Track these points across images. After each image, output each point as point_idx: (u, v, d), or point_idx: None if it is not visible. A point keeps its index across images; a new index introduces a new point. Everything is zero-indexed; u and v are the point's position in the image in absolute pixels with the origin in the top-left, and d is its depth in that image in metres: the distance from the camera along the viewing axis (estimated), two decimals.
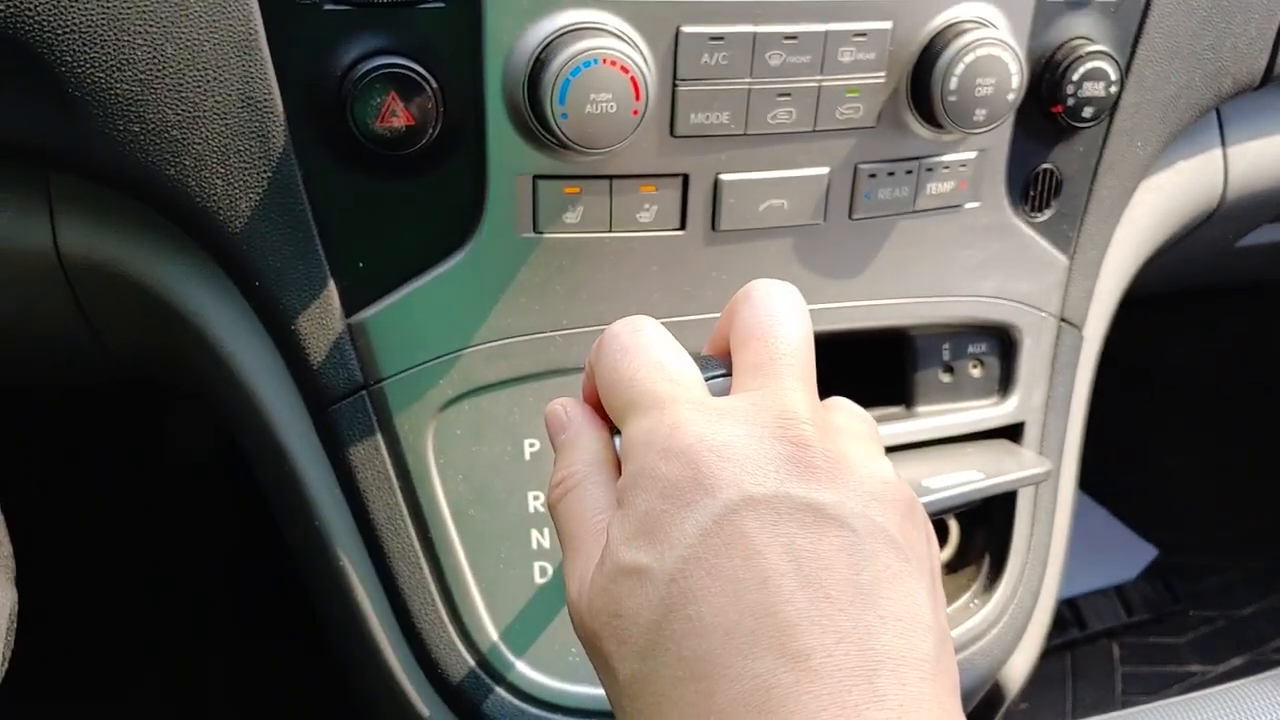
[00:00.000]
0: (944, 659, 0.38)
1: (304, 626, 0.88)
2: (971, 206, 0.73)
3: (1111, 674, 1.44)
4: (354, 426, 0.66)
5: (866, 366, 0.77)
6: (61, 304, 0.69)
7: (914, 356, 0.78)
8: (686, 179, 0.65)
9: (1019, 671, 0.89)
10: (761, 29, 0.62)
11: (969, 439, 0.79)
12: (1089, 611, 1.49)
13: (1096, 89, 0.70)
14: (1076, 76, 0.69)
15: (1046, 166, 0.74)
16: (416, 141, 0.59)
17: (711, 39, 0.61)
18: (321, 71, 0.58)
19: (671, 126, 0.63)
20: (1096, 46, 0.69)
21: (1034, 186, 0.74)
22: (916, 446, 0.78)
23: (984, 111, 0.65)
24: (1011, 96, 0.65)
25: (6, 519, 0.62)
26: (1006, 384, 0.80)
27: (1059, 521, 0.84)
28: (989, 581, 0.81)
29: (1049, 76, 0.70)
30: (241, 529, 1.40)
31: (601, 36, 0.58)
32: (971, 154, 0.71)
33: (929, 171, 0.70)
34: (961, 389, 0.79)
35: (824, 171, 0.68)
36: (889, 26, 0.64)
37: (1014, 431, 0.80)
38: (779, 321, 0.44)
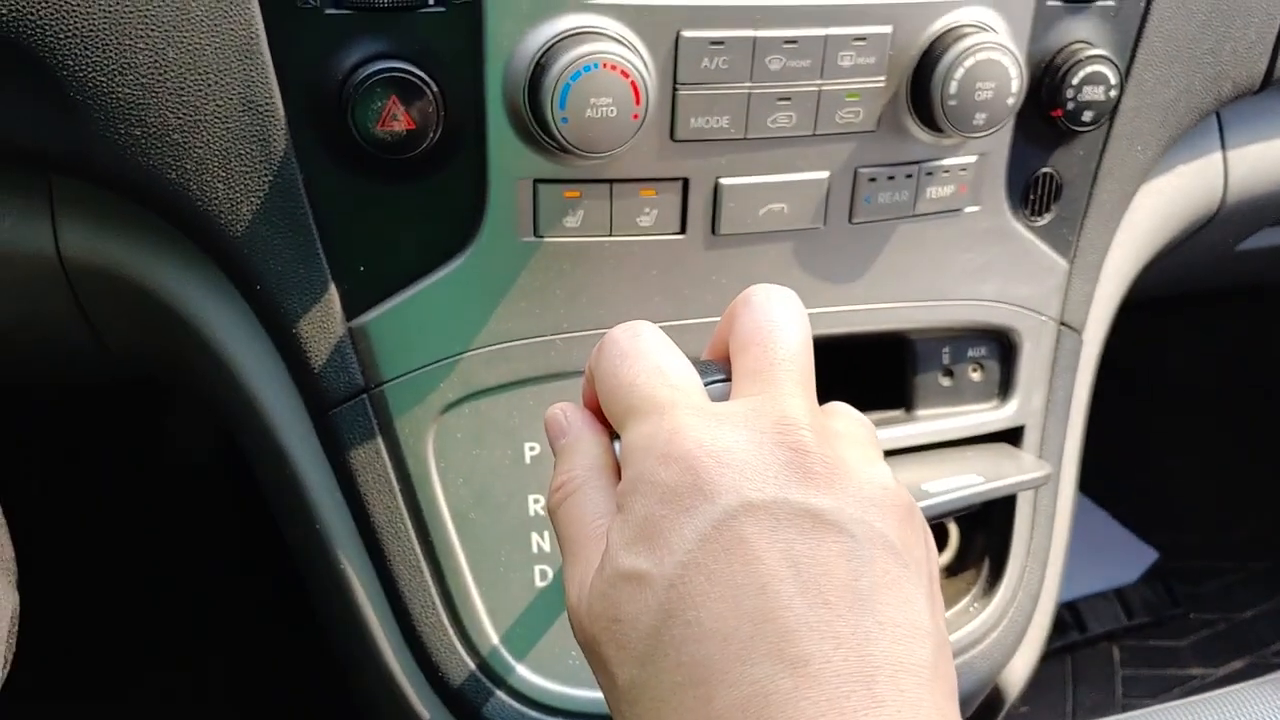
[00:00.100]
0: (942, 664, 0.38)
1: (304, 627, 0.88)
2: (971, 210, 0.73)
3: (1112, 677, 1.44)
4: (355, 430, 0.66)
5: (866, 370, 0.77)
6: (63, 307, 0.69)
7: (914, 360, 0.78)
8: (687, 183, 0.65)
9: (1019, 675, 0.89)
10: (761, 34, 0.62)
11: (969, 443, 0.79)
12: (1089, 614, 1.49)
13: (1096, 93, 0.70)
14: (1076, 80, 0.69)
15: (1046, 170, 0.74)
16: (417, 145, 0.59)
17: (712, 43, 0.61)
18: (322, 75, 0.58)
19: (672, 131, 0.63)
20: (1096, 51, 0.69)
21: (1034, 190, 0.74)
22: (916, 450, 0.78)
23: (984, 115, 0.65)
24: (1011, 100, 0.65)
25: (7, 518, 0.62)
26: (1006, 388, 0.80)
27: (1059, 525, 0.84)
28: (989, 585, 0.81)
29: (1049, 80, 0.70)
30: (241, 529, 1.40)
31: (602, 41, 0.58)
32: (971, 158, 0.71)
33: (929, 175, 0.70)
34: (961, 393, 0.79)
35: (824, 175, 0.68)
36: (889, 31, 0.64)
37: (1014, 435, 0.80)
38: (778, 327, 0.44)
